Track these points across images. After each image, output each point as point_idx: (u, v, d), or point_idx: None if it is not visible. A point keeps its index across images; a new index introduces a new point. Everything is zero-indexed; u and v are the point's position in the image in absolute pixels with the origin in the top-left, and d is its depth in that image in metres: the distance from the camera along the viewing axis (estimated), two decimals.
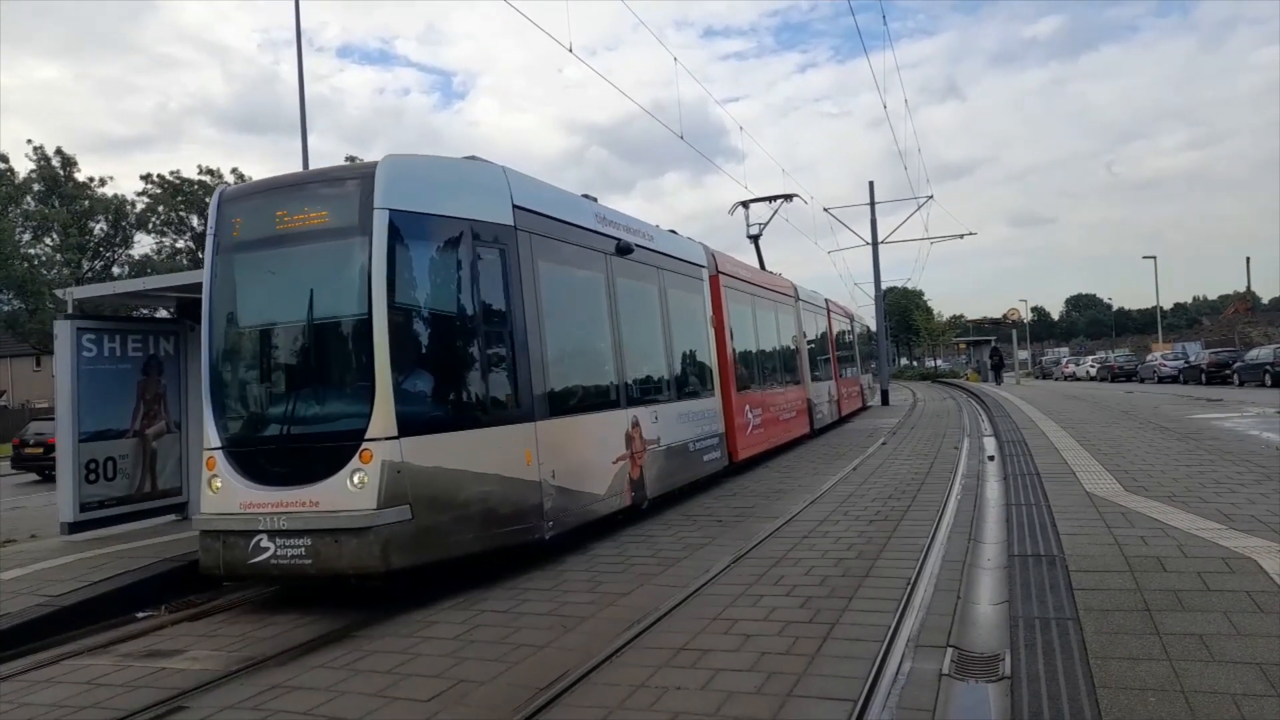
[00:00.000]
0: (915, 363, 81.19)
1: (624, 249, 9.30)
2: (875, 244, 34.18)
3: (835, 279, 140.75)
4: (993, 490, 9.15)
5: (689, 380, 11.04)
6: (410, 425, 5.97)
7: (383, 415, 5.87)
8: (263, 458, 6.23)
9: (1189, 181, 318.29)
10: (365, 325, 6.00)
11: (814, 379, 18.67)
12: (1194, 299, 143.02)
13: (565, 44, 12.10)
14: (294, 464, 6.06)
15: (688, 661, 4.36)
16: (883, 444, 15.17)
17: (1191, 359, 38.46)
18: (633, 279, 9.57)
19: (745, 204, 20.83)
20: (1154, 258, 57.40)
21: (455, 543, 6.19)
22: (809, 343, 19.11)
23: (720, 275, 12.75)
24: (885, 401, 29.91)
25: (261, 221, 6.55)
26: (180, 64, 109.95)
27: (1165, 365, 39.97)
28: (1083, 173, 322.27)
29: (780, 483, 11.02)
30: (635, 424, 8.95)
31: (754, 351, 14.82)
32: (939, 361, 76.12)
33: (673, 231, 12.01)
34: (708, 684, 4.04)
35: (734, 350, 12.95)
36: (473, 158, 7.37)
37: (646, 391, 9.62)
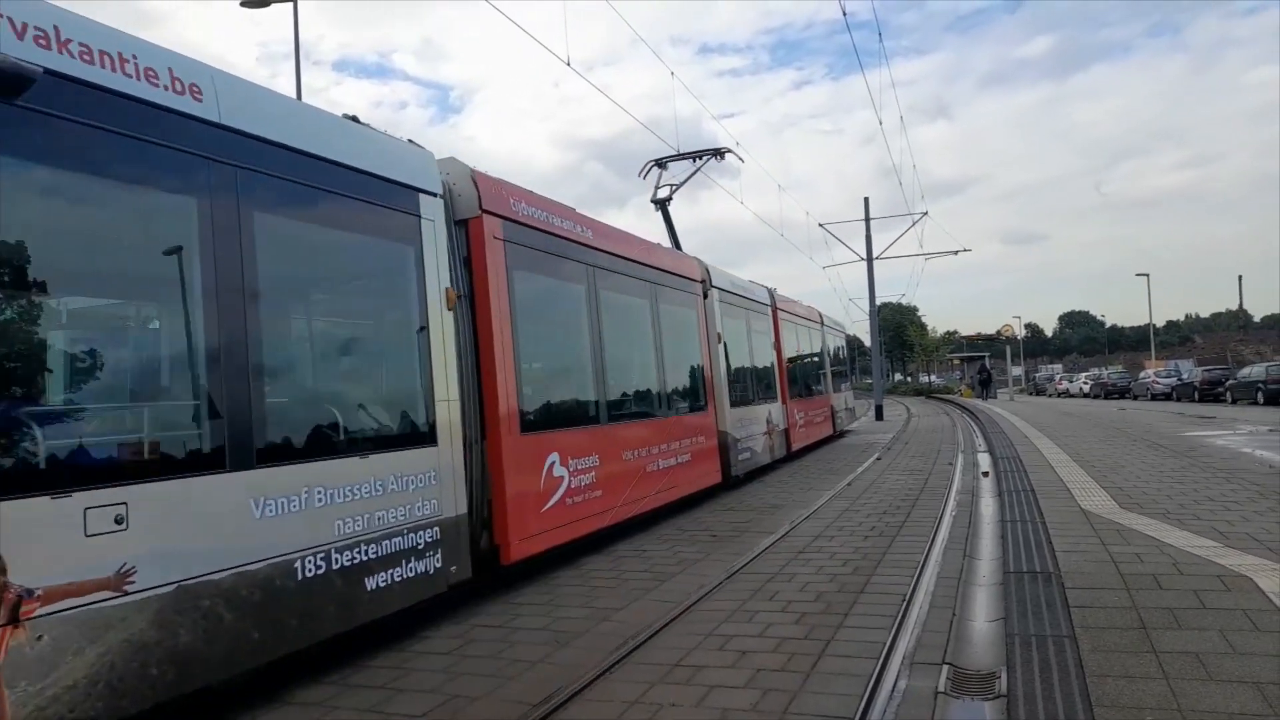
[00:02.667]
0: (910, 378, 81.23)
1: None
2: (870, 259, 34.37)
3: (830, 294, 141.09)
4: (988, 506, 9.13)
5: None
6: None
7: None
8: None
9: (1182, 200, 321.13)
10: None
11: (740, 402, 13.17)
12: (1187, 316, 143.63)
13: (564, 58, 12.18)
14: None
15: (682, 678, 4.33)
16: (877, 459, 15.15)
17: (1184, 376, 38.62)
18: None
19: (661, 163, 15.39)
20: (1147, 275, 57.66)
21: None
22: (742, 351, 14.04)
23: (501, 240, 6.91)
24: (880, 417, 29.96)
25: None
26: None
27: (1158, 382, 40.11)
28: (1075, 191, 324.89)
29: (775, 498, 10.99)
30: None
31: (580, 364, 8.41)
32: (933, 377, 76.19)
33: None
34: (702, 700, 4.01)
35: (513, 365, 6.84)
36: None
37: None
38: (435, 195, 6.17)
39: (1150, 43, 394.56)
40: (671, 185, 15.20)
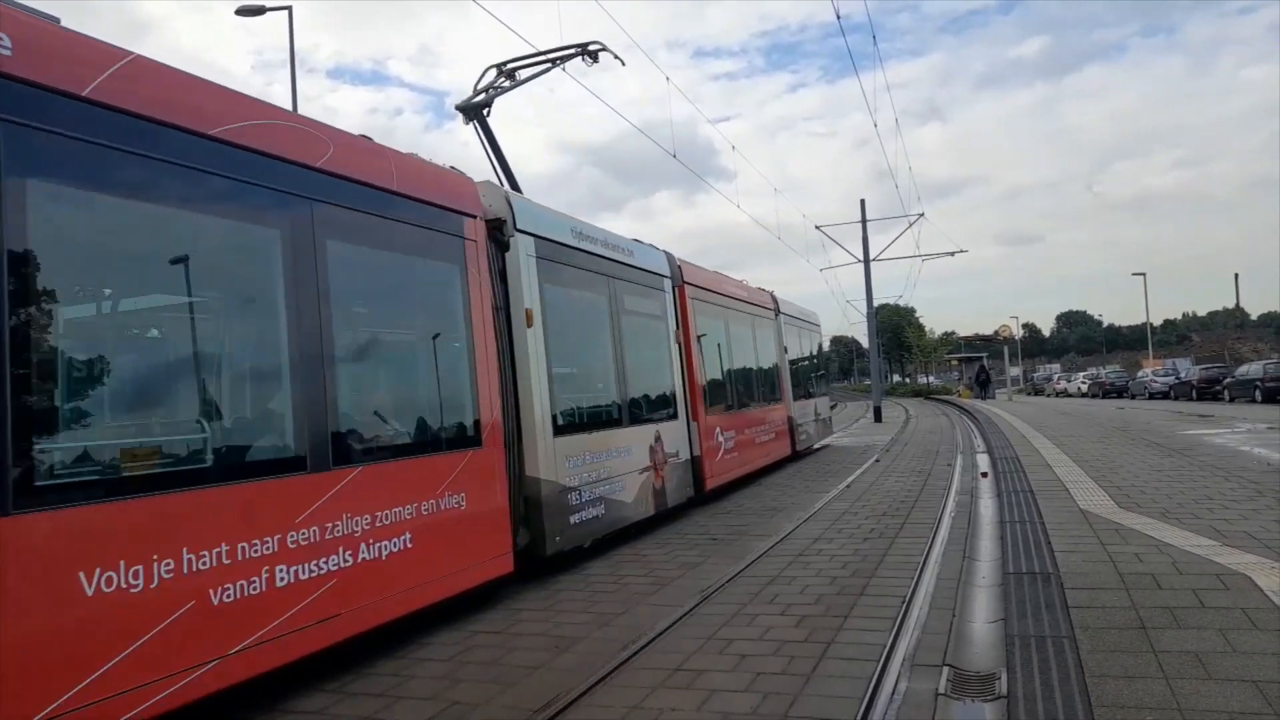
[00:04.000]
0: (908, 379, 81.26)
1: None
2: (867, 261, 34.38)
3: (828, 296, 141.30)
4: (987, 507, 9.14)
5: None
6: None
7: None
8: None
9: (1177, 200, 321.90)
10: None
11: (646, 418, 9.59)
12: (1184, 315, 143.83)
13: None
14: None
15: (683, 682, 4.33)
16: (876, 461, 15.16)
17: (1182, 375, 38.67)
18: None
19: (506, 69, 10.10)
20: (1143, 275, 57.70)
21: None
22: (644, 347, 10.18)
23: None
24: (878, 418, 29.97)
25: None
26: None
27: (1156, 381, 40.17)
28: (1069, 192, 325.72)
29: (773, 501, 10.98)
30: None
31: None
32: (932, 378, 76.24)
33: None
34: (704, 704, 4.01)
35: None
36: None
37: None
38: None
39: (1145, 43, 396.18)
40: (494, 89, 9.95)
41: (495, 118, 10.01)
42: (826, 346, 22.67)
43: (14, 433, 3.38)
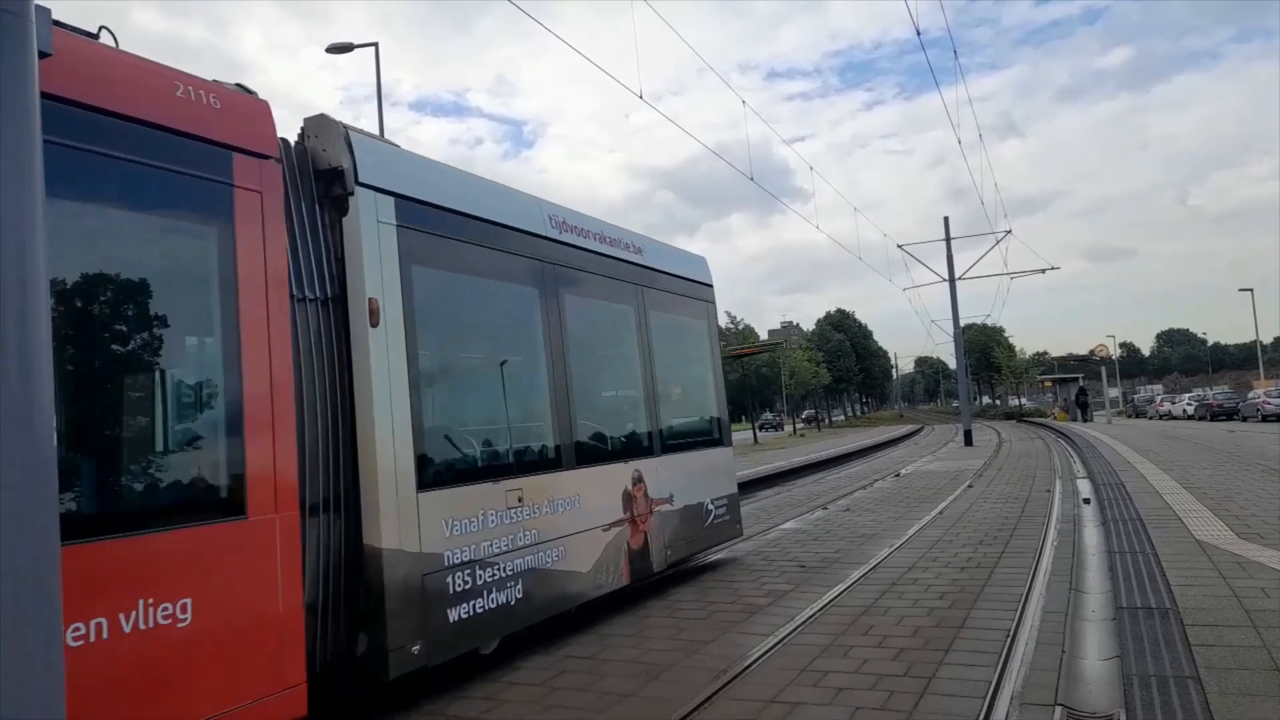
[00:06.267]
0: (998, 401, 78.67)
1: None
2: (952, 280, 33.51)
3: (910, 316, 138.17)
4: (1091, 536, 8.71)
5: None
6: None
7: None
8: None
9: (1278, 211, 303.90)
10: None
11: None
12: None
13: (635, 90, 12.34)
14: None
15: (778, 715, 4.23)
16: (969, 487, 14.66)
17: None
18: None
19: None
20: (1250, 290, 54.71)
21: None
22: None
23: None
24: (969, 442, 29.05)
25: None
26: None
27: (1269, 403, 37.76)
28: (1159, 205, 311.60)
29: (863, 528, 10.72)
30: None
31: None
32: (1023, 400, 73.57)
33: None
34: None
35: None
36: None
37: None
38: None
39: (1240, 48, 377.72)
40: None
41: (569, 142, 10.19)
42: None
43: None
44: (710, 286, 9.27)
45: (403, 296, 4.97)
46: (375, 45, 19.37)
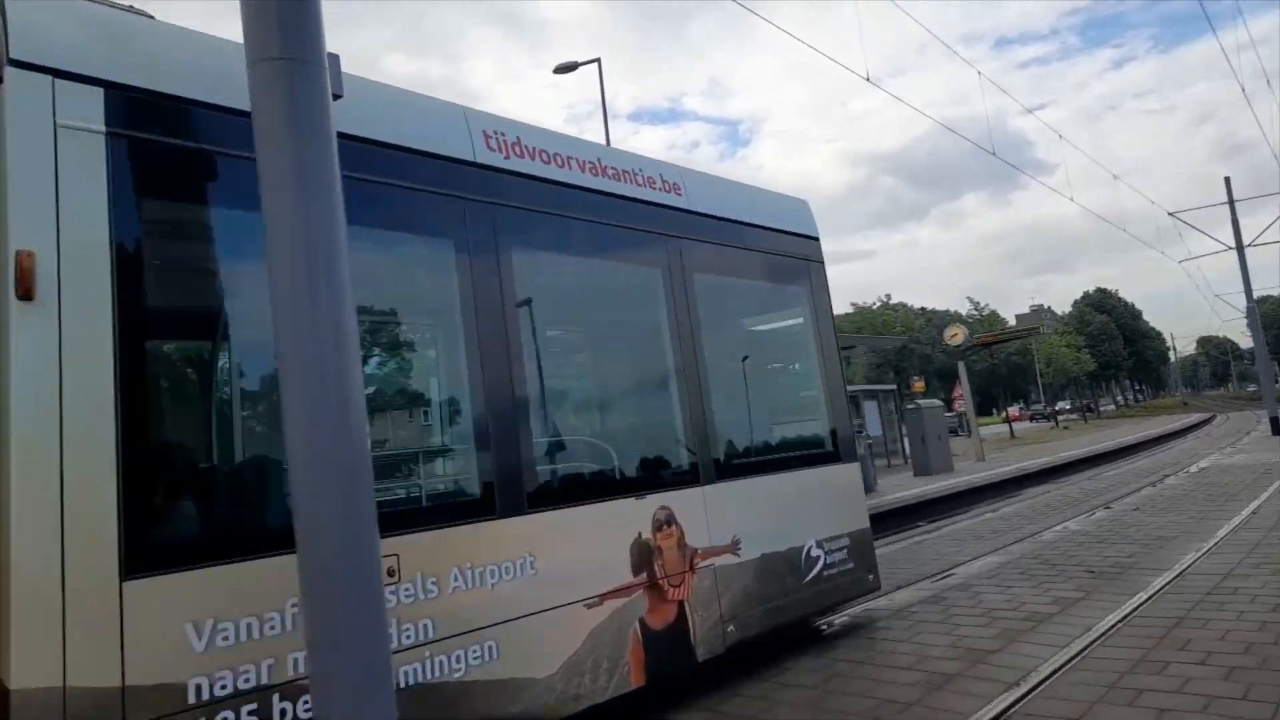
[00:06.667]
0: None
1: None
2: (1240, 247, 29.24)
3: (1189, 291, 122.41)
4: None
5: None
6: None
7: None
8: None
9: None
10: None
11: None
12: None
13: (862, 74, 11.90)
14: None
15: None
16: None
17: None
18: None
19: None
20: None
21: None
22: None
23: None
24: (1276, 431, 25.18)
25: None
26: None
27: None
28: None
29: (1158, 530, 9.56)
30: None
31: None
32: None
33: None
34: None
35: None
36: None
37: None
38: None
39: None
40: None
41: (784, 138, 10.03)
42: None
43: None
44: (814, 240, 6.74)
45: (112, 255, 2.96)
46: (598, 61, 20.23)
